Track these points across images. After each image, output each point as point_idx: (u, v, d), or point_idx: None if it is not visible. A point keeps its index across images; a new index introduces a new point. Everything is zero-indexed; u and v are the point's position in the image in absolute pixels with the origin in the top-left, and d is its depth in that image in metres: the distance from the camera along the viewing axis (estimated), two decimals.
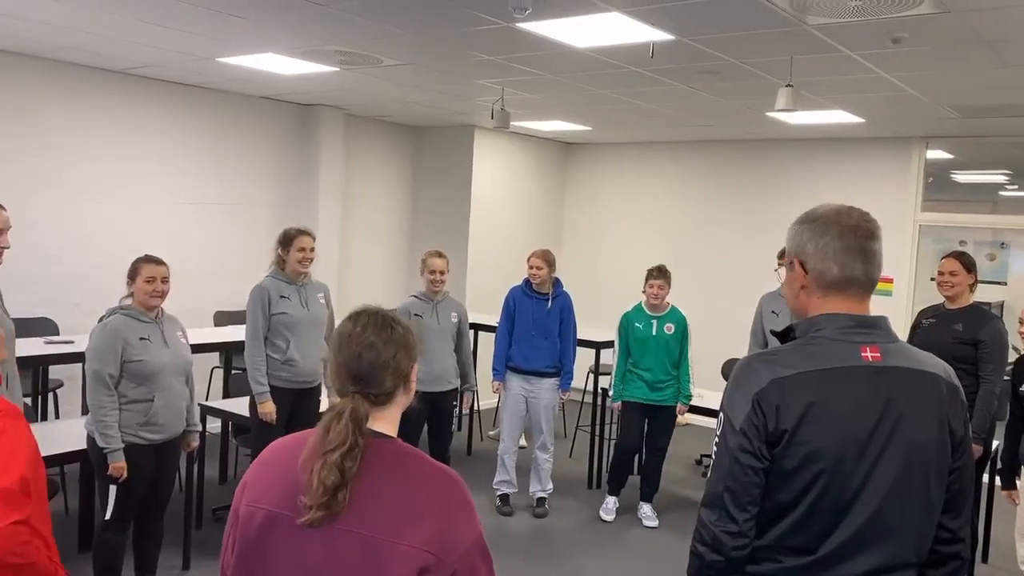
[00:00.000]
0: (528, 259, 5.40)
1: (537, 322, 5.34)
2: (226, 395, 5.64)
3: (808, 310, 1.76)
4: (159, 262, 3.69)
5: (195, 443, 3.98)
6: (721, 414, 1.71)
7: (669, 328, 5.34)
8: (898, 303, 7.02)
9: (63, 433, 4.07)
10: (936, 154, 7.33)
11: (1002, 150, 7.72)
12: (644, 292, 5.39)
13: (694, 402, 5.47)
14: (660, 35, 4.08)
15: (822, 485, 1.60)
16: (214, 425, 5.18)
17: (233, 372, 5.86)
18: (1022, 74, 4.57)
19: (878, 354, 1.67)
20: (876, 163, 7.30)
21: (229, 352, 5.83)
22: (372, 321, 1.57)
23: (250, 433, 4.64)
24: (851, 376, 1.64)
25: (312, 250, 4.50)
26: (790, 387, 1.62)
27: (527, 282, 5.41)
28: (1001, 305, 11.41)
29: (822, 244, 1.71)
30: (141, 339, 3.58)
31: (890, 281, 7.20)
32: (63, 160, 5.83)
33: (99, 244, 5.96)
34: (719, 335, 6.98)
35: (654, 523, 5.38)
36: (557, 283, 5.45)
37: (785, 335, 1.82)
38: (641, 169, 8.69)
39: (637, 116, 6.83)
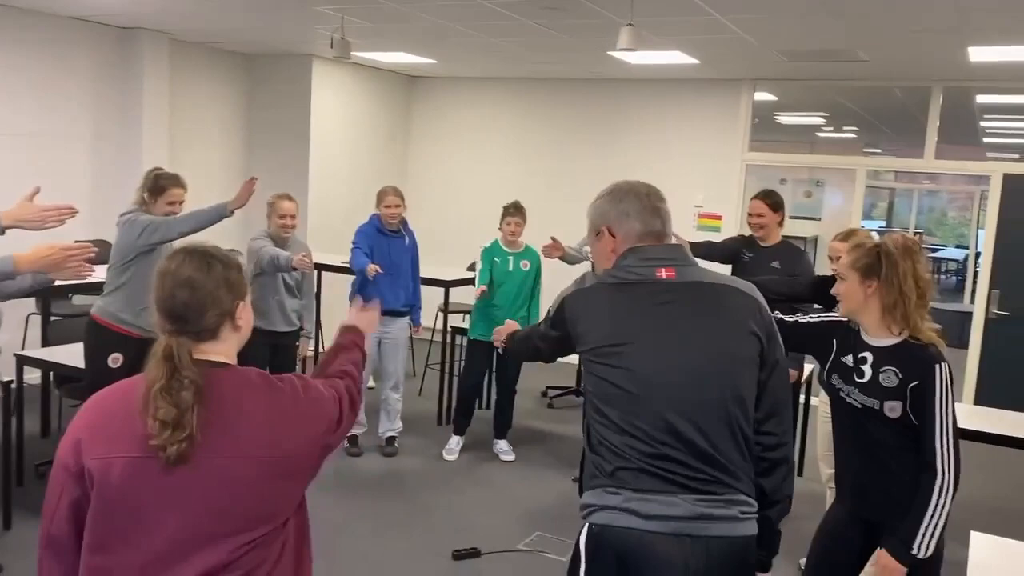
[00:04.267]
0: (383, 197, 5.27)
1: (394, 261, 5.26)
2: (45, 343, 5.21)
3: None
4: None
5: None
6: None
7: (525, 265, 5.40)
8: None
9: None
10: (762, 96, 7.72)
11: (821, 94, 8.24)
12: (501, 229, 5.41)
13: None
14: None
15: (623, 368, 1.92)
16: (33, 376, 4.79)
17: (52, 319, 5.41)
18: (846, 22, 4.86)
19: (673, 273, 1.98)
20: (709, 104, 7.60)
21: (47, 297, 5.37)
22: (189, 258, 1.56)
23: (79, 383, 4.32)
24: (649, 287, 1.97)
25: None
26: (587, 294, 2.04)
27: (377, 219, 5.29)
28: (816, 240, 12.34)
29: (623, 208, 2.04)
30: None
31: (718, 218, 7.58)
32: None
33: None
34: (566, 275, 7.14)
35: (511, 457, 5.49)
36: (404, 221, 5.39)
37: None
38: (487, 105, 8.62)
39: (482, 51, 6.74)
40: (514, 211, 5.39)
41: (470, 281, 6.14)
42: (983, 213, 7.66)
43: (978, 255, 13.30)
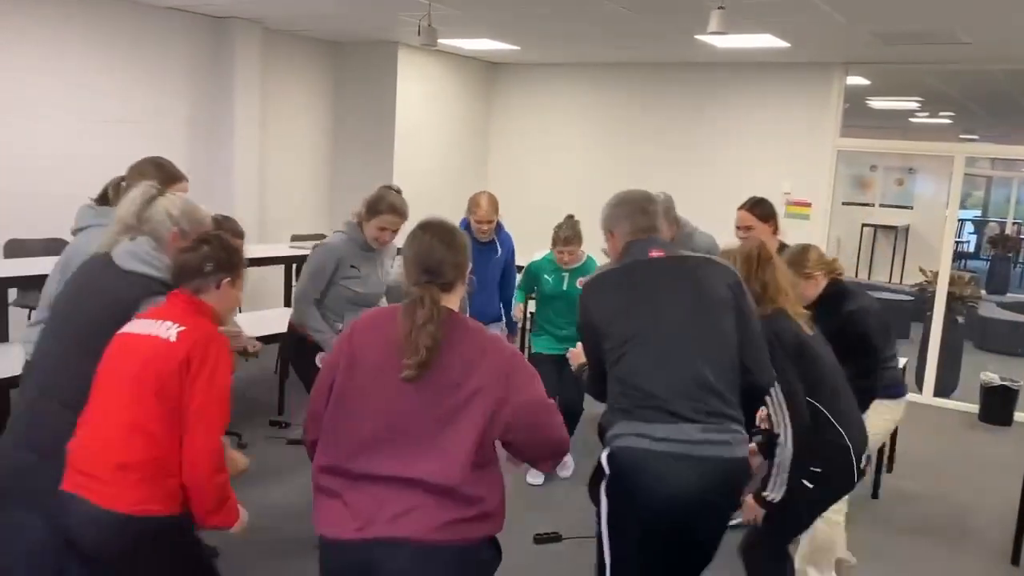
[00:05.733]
0: (475, 208, 4.70)
1: (486, 274, 4.77)
2: None
3: None
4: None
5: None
6: None
7: (581, 283, 4.83)
8: (815, 226, 7.22)
9: None
10: (854, 80, 7.47)
11: (915, 77, 7.93)
12: (553, 252, 4.81)
13: None
14: None
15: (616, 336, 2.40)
16: None
17: None
18: (947, 1, 4.66)
19: (662, 253, 2.49)
20: (798, 89, 7.38)
21: None
22: (439, 229, 2.10)
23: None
24: (645, 265, 2.46)
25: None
26: (595, 281, 2.56)
27: (466, 225, 4.74)
28: (907, 229, 11.89)
29: (618, 212, 2.58)
30: None
31: (807, 205, 7.38)
32: None
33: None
34: None
35: (567, 472, 4.89)
36: (499, 225, 4.89)
37: None
38: (569, 91, 8.57)
39: (566, 36, 6.71)
40: (568, 237, 4.63)
41: None
42: None
43: None
